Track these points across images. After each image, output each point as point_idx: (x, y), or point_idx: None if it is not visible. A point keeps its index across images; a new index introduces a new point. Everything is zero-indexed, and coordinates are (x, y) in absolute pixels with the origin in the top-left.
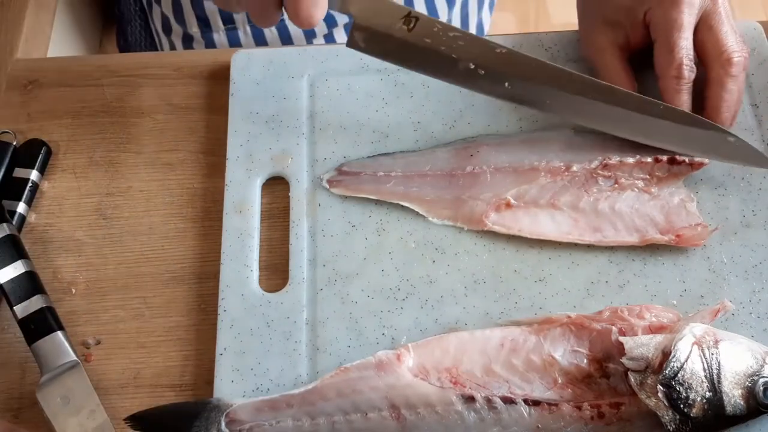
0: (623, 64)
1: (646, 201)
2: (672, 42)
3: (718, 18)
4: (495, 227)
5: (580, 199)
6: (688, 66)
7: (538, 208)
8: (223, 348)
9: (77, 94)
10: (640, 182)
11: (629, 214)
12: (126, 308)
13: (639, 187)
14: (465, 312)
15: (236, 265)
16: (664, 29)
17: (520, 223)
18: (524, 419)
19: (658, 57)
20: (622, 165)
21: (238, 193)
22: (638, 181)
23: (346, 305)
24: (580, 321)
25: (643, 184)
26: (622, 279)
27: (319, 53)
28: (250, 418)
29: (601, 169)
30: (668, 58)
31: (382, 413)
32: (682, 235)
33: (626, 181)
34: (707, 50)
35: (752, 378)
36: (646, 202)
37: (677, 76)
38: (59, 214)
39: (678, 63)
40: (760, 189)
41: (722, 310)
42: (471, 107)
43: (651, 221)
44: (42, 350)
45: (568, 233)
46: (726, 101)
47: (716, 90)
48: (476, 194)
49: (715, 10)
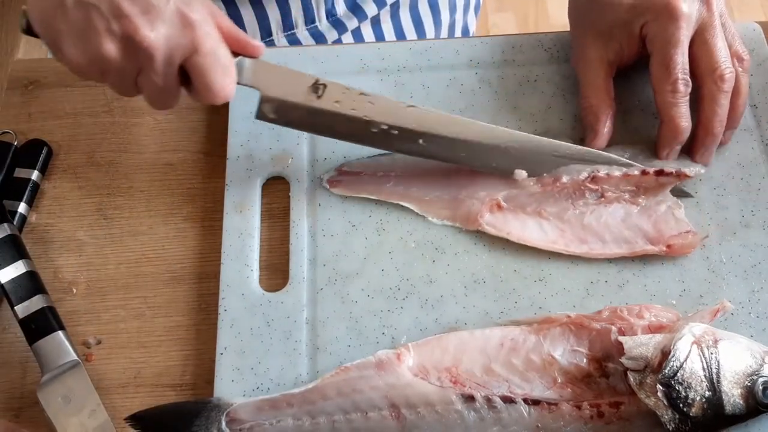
0: (607, 81)
1: (633, 212)
2: (668, 57)
3: (713, 32)
4: (488, 227)
5: (566, 211)
6: (684, 80)
7: (527, 215)
8: (224, 347)
9: (78, 94)
10: (626, 194)
11: (617, 225)
12: (127, 308)
13: (626, 199)
14: (465, 312)
15: (237, 265)
16: (661, 44)
17: (509, 226)
18: (524, 419)
19: (655, 71)
20: (610, 178)
21: (239, 193)
22: (625, 193)
23: (347, 305)
24: (580, 320)
25: (629, 196)
26: (621, 279)
27: (319, 53)
28: (251, 417)
29: (590, 181)
30: (665, 74)
31: (382, 412)
32: (672, 245)
33: (613, 194)
34: (701, 65)
35: (751, 377)
36: (633, 213)
37: (673, 90)
38: (60, 214)
39: (674, 78)
40: (759, 189)
41: (722, 310)
42: (471, 107)
43: (640, 231)
44: (43, 350)
45: (554, 242)
46: (718, 116)
47: (708, 105)
48: (472, 193)
49: (710, 22)
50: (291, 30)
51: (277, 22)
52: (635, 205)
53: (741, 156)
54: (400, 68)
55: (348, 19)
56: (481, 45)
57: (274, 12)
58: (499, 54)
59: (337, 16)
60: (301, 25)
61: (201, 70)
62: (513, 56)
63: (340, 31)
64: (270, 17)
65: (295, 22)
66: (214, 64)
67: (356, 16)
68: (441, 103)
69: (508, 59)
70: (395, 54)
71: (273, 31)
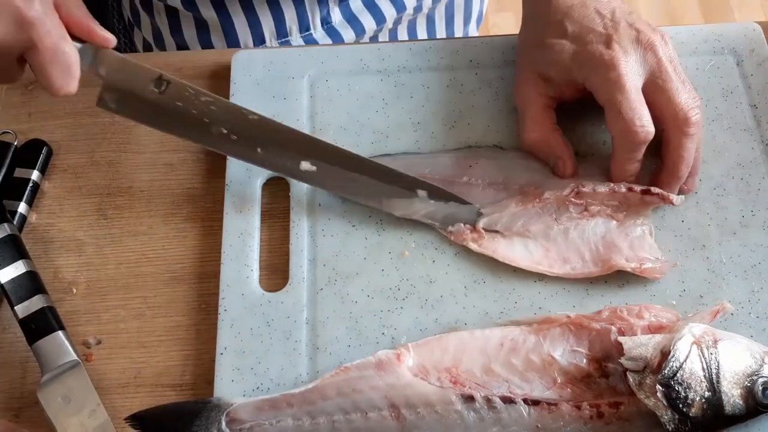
0: (548, 113)
1: (613, 228)
2: (618, 106)
3: (665, 75)
4: (473, 245)
5: (551, 228)
6: (642, 129)
7: (512, 234)
8: (224, 347)
9: (78, 94)
10: (608, 209)
11: (596, 242)
12: (127, 308)
13: (607, 213)
14: (465, 312)
15: (236, 265)
16: (608, 93)
17: (495, 244)
18: (524, 419)
19: (610, 123)
20: (595, 193)
21: (239, 193)
22: (607, 207)
23: (346, 305)
24: (580, 321)
25: (611, 210)
26: (621, 279)
27: (319, 53)
28: (251, 417)
29: (574, 196)
30: (619, 125)
31: (382, 413)
32: (645, 269)
33: (596, 207)
34: (661, 111)
35: (751, 378)
36: (613, 229)
37: (632, 140)
38: (60, 214)
39: (628, 128)
40: (759, 189)
41: (722, 311)
42: (471, 108)
43: (617, 249)
44: (43, 350)
45: (539, 263)
46: (685, 159)
47: (674, 150)
48: None
49: (660, 68)
50: (285, 37)
51: (270, 29)
52: (616, 220)
53: (741, 156)
54: (400, 68)
55: (343, 28)
56: (481, 45)
57: (267, 19)
58: (499, 54)
59: (332, 24)
60: (295, 33)
61: (40, 67)
62: (513, 56)
63: (336, 40)
64: (263, 24)
65: (289, 30)
66: (52, 62)
67: (353, 28)
68: (441, 103)
69: (508, 59)
70: (395, 54)
71: (266, 38)
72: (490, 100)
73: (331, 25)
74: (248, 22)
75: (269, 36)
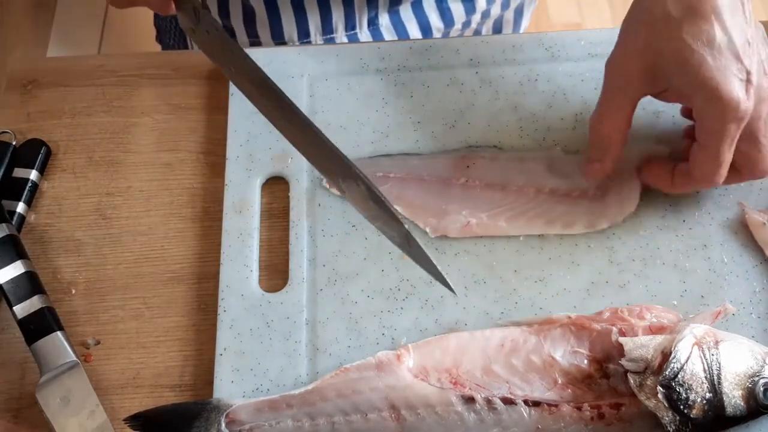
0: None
1: None
2: (718, 153)
3: (759, 131)
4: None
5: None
6: (717, 180)
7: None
8: (223, 348)
9: (77, 94)
10: None
11: None
12: (126, 308)
13: None
14: (465, 312)
15: (236, 265)
16: (714, 137)
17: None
18: (524, 420)
19: (700, 159)
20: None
21: (238, 193)
22: None
23: (346, 305)
24: (581, 321)
25: None
26: (622, 279)
27: (319, 53)
28: (250, 418)
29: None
30: (710, 167)
31: (382, 414)
32: None
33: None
34: (744, 160)
35: (752, 379)
36: None
37: (711, 181)
38: (59, 214)
39: (719, 176)
40: (761, 189)
41: (723, 312)
42: (471, 107)
43: None
44: (42, 350)
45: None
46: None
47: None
48: (458, 208)
49: (758, 116)
50: (330, 34)
51: (316, 25)
52: None
53: None
54: (400, 68)
55: (388, 32)
56: (481, 44)
57: (315, 16)
58: (500, 53)
59: (378, 26)
60: (341, 30)
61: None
62: (513, 55)
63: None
64: (310, 21)
65: (335, 27)
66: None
67: (398, 33)
68: (441, 103)
69: (508, 58)
70: (395, 53)
71: (312, 34)
72: (490, 100)
73: (376, 27)
74: (296, 17)
75: (315, 32)
